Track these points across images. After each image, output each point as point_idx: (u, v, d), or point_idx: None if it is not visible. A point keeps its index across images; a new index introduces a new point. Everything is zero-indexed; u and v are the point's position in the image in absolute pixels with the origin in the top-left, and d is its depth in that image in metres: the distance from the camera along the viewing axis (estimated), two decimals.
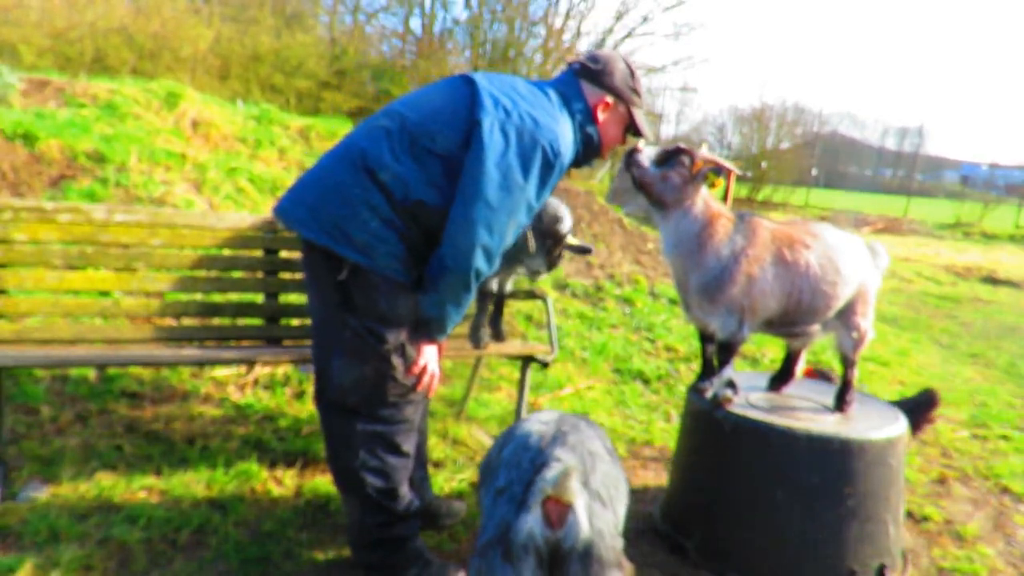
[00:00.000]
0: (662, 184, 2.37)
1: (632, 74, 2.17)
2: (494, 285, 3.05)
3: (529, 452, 1.75)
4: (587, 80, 2.14)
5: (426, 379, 2.12)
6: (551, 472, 1.62)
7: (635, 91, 2.18)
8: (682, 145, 2.40)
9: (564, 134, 2.02)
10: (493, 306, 3.18)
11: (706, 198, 2.42)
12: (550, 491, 1.58)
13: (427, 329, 2.08)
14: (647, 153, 2.39)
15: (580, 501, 1.62)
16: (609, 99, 2.14)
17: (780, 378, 2.85)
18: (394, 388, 2.08)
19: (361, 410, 2.07)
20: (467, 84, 2.03)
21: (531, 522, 1.60)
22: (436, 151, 1.94)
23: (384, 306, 2.01)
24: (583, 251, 2.91)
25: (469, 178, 1.91)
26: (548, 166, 1.97)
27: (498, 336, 3.17)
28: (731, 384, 2.52)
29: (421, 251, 2.03)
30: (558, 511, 1.61)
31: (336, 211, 1.96)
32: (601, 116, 2.14)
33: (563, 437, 1.79)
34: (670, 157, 2.37)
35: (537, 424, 1.87)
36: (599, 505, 1.69)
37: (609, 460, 1.86)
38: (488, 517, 1.74)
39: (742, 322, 2.41)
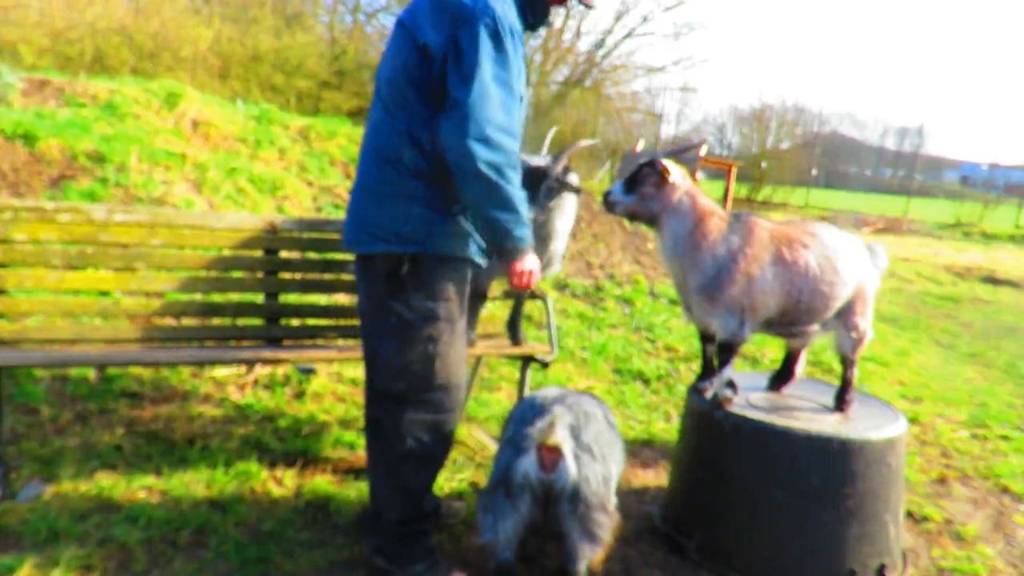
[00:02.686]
0: (644, 203, 2.40)
1: None
2: (489, 285, 3.04)
3: (534, 410, 2.05)
4: None
5: (525, 280, 2.10)
6: (541, 421, 1.83)
7: None
8: (640, 161, 2.42)
9: (499, 2, 1.95)
10: (512, 308, 3.18)
11: (693, 194, 2.41)
12: (536, 436, 1.80)
13: (500, 249, 2.05)
14: (615, 188, 2.41)
15: (567, 447, 1.84)
16: None
17: (780, 378, 2.85)
18: (441, 371, 2.10)
19: (410, 396, 2.10)
20: (401, 27, 2.03)
21: (527, 465, 1.84)
22: (419, 103, 1.96)
23: (434, 283, 2.04)
24: (577, 191, 2.80)
25: (448, 108, 1.91)
26: (499, 39, 1.91)
27: (516, 339, 3.17)
28: (731, 384, 2.52)
29: (461, 210, 2.06)
30: (551, 458, 1.84)
31: (379, 216, 2.01)
32: None
33: (564, 399, 2.07)
34: (636, 177, 2.39)
35: (549, 391, 2.17)
36: (588, 457, 1.91)
37: (605, 424, 2.11)
38: (496, 463, 2.01)
39: (743, 322, 2.41)
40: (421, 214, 2.00)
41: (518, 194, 1.97)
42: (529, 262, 2.09)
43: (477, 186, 1.92)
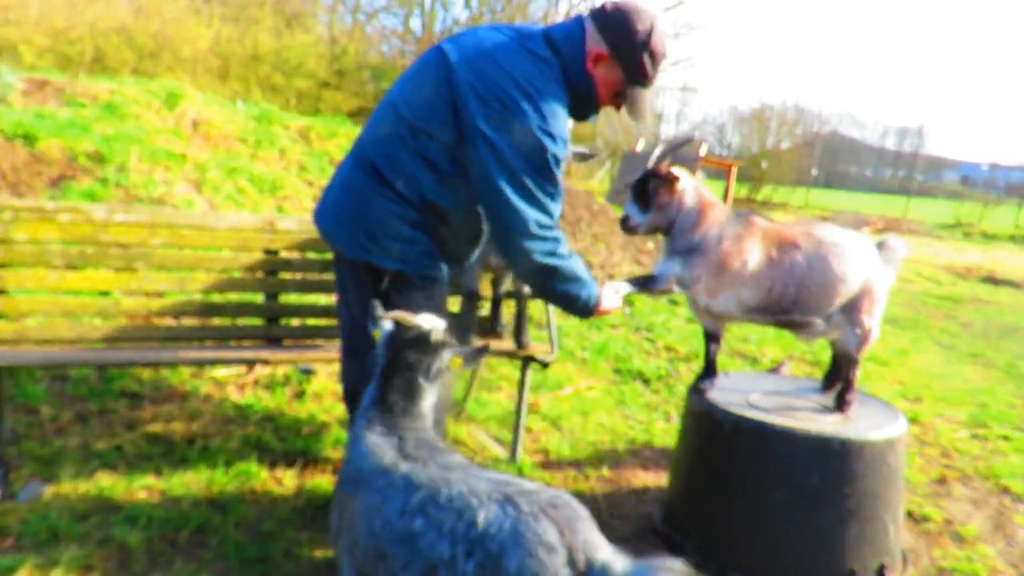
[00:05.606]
0: (663, 214, 2.44)
1: (647, 45, 1.94)
2: (474, 285, 3.03)
3: (556, 554, 1.29)
4: (596, 26, 1.96)
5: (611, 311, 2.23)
6: (622, 565, 1.27)
7: (639, 65, 1.97)
8: (640, 174, 2.43)
9: (554, 108, 1.88)
10: (516, 312, 3.15)
11: (698, 190, 2.45)
12: None
13: (576, 315, 2.17)
14: (631, 210, 2.43)
15: None
16: (604, 52, 1.95)
17: (830, 379, 2.85)
18: None
19: None
20: (444, 66, 1.92)
21: None
22: (438, 147, 1.93)
23: (421, 302, 2.04)
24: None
25: (490, 207, 1.92)
26: (551, 154, 1.88)
27: (521, 343, 3.14)
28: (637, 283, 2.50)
29: (449, 241, 2.06)
30: None
31: (369, 226, 1.99)
32: (593, 67, 1.98)
33: (564, 511, 1.34)
34: (646, 191, 2.41)
35: (493, 504, 1.34)
36: None
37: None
38: None
39: (686, 277, 2.42)
40: (411, 235, 1.99)
41: (575, 263, 2.04)
42: (605, 305, 2.18)
43: (538, 272, 1.99)
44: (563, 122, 1.94)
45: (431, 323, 1.85)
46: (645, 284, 2.47)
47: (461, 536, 1.32)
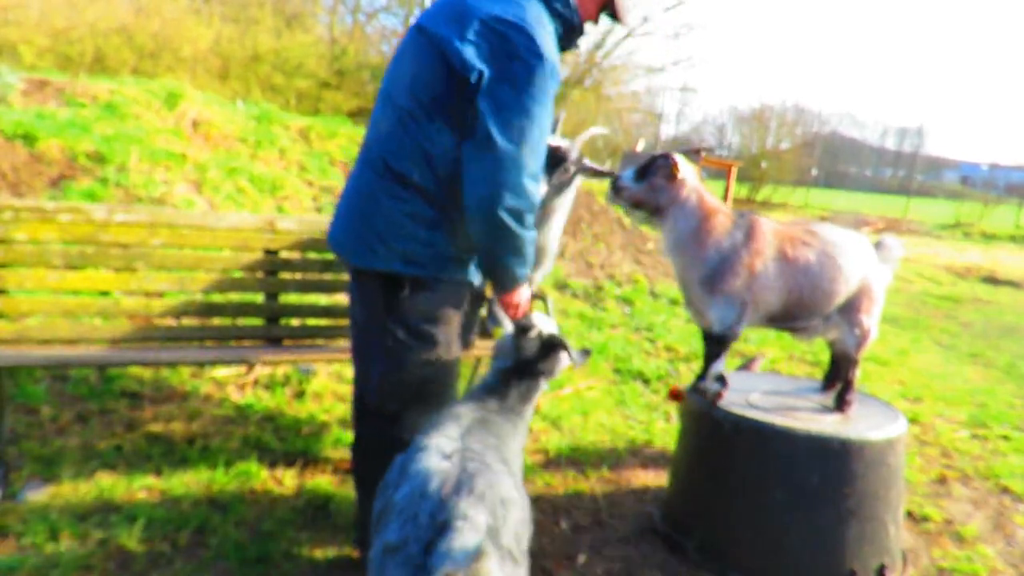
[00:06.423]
0: (652, 194, 2.43)
1: None
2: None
3: (428, 501, 1.42)
4: None
5: (512, 313, 2.08)
6: (458, 542, 1.33)
7: None
8: (655, 153, 2.45)
9: (536, 27, 1.82)
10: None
11: (700, 192, 2.44)
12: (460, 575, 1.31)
13: (499, 286, 2.03)
14: (626, 175, 2.43)
15: None
16: None
17: (830, 379, 2.85)
18: (435, 393, 2.05)
19: (402, 416, 2.05)
20: (422, 35, 1.90)
21: None
22: (438, 122, 1.86)
23: (431, 305, 1.99)
24: (600, 174, 2.76)
25: (475, 151, 1.81)
26: (545, 84, 1.81)
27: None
28: (721, 379, 2.52)
29: (466, 238, 1.98)
30: None
31: (379, 228, 1.92)
32: None
33: (470, 481, 1.46)
34: (648, 167, 2.42)
35: (437, 457, 1.53)
36: (511, 564, 1.44)
37: (519, 499, 1.57)
38: (372, 565, 1.45)
39: (741, 316, 2.41)
40: (427, 237, 1.92)
41: (530, 237, 1.93)
42: (521, 295, 2.07)
43: (492, 229, 1.85)
44: (552, 48, 1.86)
45: (548, 326, 1.95)
46: (721, 350, 2.48)
47: (402, 472, 1.56)
